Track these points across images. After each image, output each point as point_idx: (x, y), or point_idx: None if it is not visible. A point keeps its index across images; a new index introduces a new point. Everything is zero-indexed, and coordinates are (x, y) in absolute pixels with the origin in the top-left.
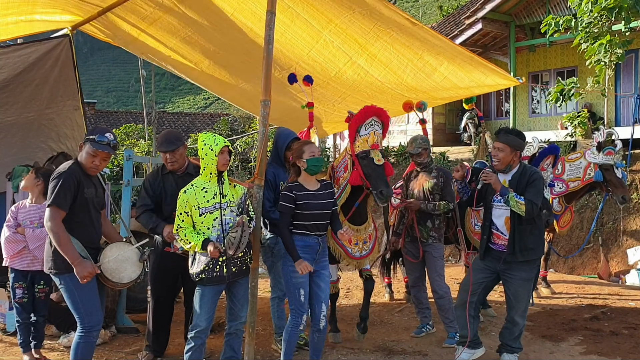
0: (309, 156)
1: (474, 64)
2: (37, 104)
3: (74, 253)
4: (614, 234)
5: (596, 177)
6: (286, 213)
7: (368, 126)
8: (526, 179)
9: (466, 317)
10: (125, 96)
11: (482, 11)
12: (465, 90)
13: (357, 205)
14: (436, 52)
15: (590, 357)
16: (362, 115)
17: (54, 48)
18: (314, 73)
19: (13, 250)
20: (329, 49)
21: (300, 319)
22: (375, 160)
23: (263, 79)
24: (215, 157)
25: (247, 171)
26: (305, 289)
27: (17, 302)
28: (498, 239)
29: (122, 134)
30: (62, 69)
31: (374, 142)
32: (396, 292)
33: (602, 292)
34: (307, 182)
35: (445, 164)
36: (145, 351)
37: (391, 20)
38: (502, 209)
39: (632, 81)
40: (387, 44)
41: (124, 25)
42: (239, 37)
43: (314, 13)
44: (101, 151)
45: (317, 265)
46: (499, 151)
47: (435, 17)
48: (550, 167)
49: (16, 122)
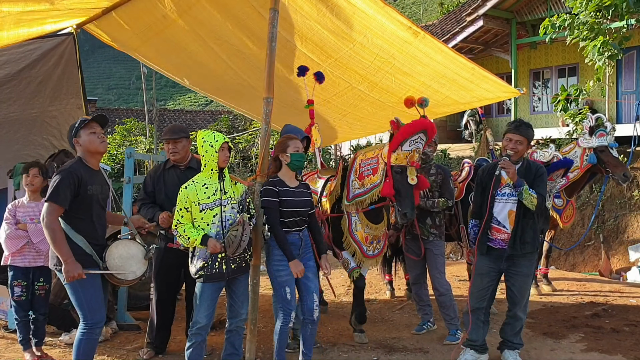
0: (293, 151)
1: (475, 77)
2: (40, 100)
3: (67, 251)
4: (615, 231)
5: (590, 159)
6: (273, 208)
7: (413, 142)
8: (533, 173)
9: (477, 322)
10: (126, 94)
11: (483, 8)
12: (466, 105)
13: (372, 208)
14: (438, 75)
15: (591, 354)
16: (412, 128)
17: (58, 45)
18: (315, 92)
19: (15, 247)
20: (329, 77)
21: (289, 316)
22: (409, 179)
23: (266, 76)
24: (216, 153)
25: (248, 168)
26: (291, 287)
27: (15, 299)
28: (498, 233)
29: (123, 131)
30: (66, 67)
31: (414, 160)
32: (397, 289)
33: (603, 290)
34: (287, 178)
35: (446, 161)
36: (147, 348)
37: (393, 38)
38: (503, 202)
39: (633, 78)
40: (389, 74)
41: (127, 32)
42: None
43: (313, 48)
44: (93, 121)
45: (302, 259)
46: (518, 144)
47: (437, 14)
48: (559, 178)
49: (19, 118)
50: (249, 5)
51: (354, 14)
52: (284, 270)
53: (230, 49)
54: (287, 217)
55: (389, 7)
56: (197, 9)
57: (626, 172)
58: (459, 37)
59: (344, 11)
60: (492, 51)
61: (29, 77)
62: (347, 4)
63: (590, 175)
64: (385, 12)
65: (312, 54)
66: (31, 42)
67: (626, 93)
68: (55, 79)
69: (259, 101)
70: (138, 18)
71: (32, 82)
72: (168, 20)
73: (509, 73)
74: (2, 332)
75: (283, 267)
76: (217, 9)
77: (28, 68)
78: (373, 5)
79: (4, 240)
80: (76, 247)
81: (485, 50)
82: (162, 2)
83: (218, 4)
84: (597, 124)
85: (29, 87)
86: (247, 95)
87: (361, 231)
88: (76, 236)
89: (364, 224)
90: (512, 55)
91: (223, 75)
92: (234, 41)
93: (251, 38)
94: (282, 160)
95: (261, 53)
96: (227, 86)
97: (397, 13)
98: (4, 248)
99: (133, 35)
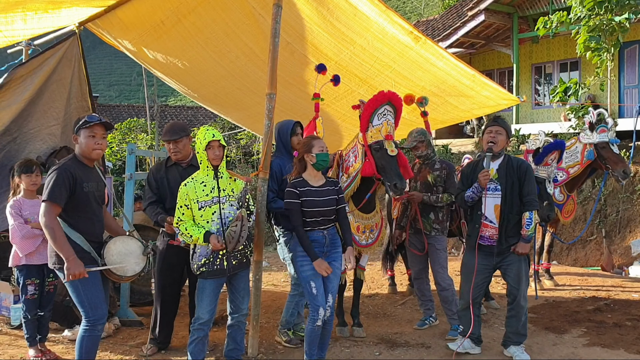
0: (319, 151)
1: (476, 84)
2: (55, 112)
3: (68, 249)
4: (617, 226)
5: (588, 156)
6: (295, 210)
7: (381, 116)
8: (516, 171)
9: (473, 317)
10: (127, 90)
11: (484, 2)
12: (466, 113)
13: (368, 197)
14: (439, 80)
15: (593, 349)
16: (374, 102)
17: (64, 50)
18: None
19: (34, 246)
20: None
21: (317, 313)
22: (389, 152)
23: (269, 72)
24: (203, 151)
25: (249, 164)
26: (317, 282)
27: (28, 298)
28: (486, 228)
29: (124, 128)
30: (74, 71)
31: (387, 133)
32: (399, 284)
33: (605, 284)
34: (312, 177)
35: (448, 156)
36: (150, 344)
37: (394, 42)
38: (490, 197)
39: (635, 72)
40: (389, 78)
41: (129, 32)
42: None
43: (313, 51)
44: (97, 125)
45: (327, 257)
46: (498, 134)
47: (438, 9)
48: (554, 162)
49: (38, 134)
50: (249, 7)
51: (354, 16)
52: (308, 264)
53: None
54: (308, 216)
55: (390, 11)
56: (197, 13)
57: (626, 169)
58: (461, 32)
59: (345, 13)
60: (493, 46)
61: (43, 89)
62: (348, 5)
63: (591, 171)
64: (387, 15)
65: (312, 56)
66: (44, 56)
67: (628, 87)
68: (65, 84)
69: (250, 112)
70: (140, 18)
71: (45, 92)
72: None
73: (510, 68)
74: (6, 329)
75: (307, 262)
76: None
77: (43, 82)
78: (374, 8)
79: (19, 240)
80: (74, 244)
81: (486, 45)
82: (162, 5)
83: (217, 7)
84: (598, 120)
85: (42, 98)
86: (240, 105)
87: (352, 220)
88: (74, 234)
89: (356, 214)
90: (514, 50)
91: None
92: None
93: (250, 44)
94: (307, 160)
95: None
96: (220, 95)
97: (398, 17)
98: (19, 249)
99: (136, 35)
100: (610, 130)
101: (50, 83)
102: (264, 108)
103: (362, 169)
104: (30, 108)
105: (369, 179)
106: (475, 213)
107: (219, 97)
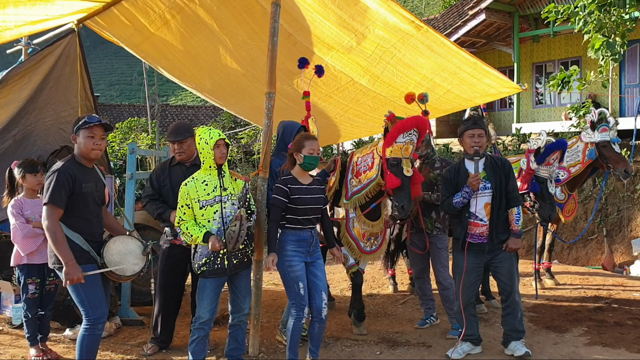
0: (308, 153)
1: (477, 72)
2: (52, 107)
3: (68, 254)
4: (618, 225)
5: (590, 155)
6: (278, 206)
7: (407, 135)
8: (500, 169)
9: (470, 317)
10: (128, 89)
11: (485, 1)
12: (468, 101)
13: (373, 206)
14: (440, 67)
15: (594, 348)
16: (407, 123)
17: (62, 47)
18: (315, 87)
19: (35, 245)
20: (330, 71)
21: (302, 312)
22: (404, 171)
23: (268, 71)
24: (211, 150)
25: (250, 164)
26: (304, 282)
27: (29, 297)
28: (476, 227)
29: (125, 128)
30: (73, 67)
31: (407, 152)
32: (400, 283)
33: (606, 283)
34: (301, 175)
35: (448, 155)
36: (151, 343)
37: (395, 30)
38: (480, 196)
39: (636, 71)
40: (390, 65)
41: (129, 28)
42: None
43: (314, 41)
44: (96, 126)
45: (312, 257)
46: (481, 137)
47: (439, 8)
48: (556, 162)
49: (34, 130)
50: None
51: (355, 5)
52: (297, 265)
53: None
54: (300, 214)
55: (391, 1)
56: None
57: (627, 168)
58: (461, 31)
59: (346, 2)
60: (494, 45)
61: (42, 86)
62: None
63: (593, 170)
64: (388, 5)
65: (314, 47)
66: (42, 54)
67: (629, 86)
68: (64, 81)
69: (257, 104)
70: (138, 14)
71: (44, 90)
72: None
73: (511, 67)
74: (7, 328)
75: (295, 263)
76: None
77: (41, 80)
78: None
79: (20, 239)
80: (73, 244)
81: (487, 44)
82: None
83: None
84: (599, 119)
85: (40, 96)
86: (246, 97)
87: (357, 228)
88: (73, 234)
89: (361, 221)
90: (515, 49)
91: (221, 74)
92: (236, 39)
93: (253, 36)
94: (295, 158)
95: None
96: (225, 86)
97: (399, 7)
98: (20, 248)
99: (134, 31)
100: (612, 129)
101: (49, 81)
102: None
103: (386, 181)
104: (29, 106)
105: (379, 191)
106: (464, 215)
107: (224, 88)
